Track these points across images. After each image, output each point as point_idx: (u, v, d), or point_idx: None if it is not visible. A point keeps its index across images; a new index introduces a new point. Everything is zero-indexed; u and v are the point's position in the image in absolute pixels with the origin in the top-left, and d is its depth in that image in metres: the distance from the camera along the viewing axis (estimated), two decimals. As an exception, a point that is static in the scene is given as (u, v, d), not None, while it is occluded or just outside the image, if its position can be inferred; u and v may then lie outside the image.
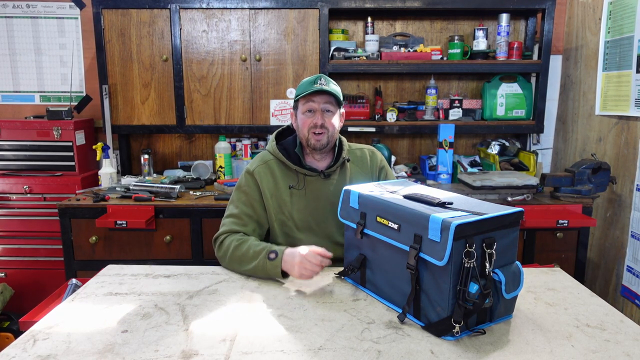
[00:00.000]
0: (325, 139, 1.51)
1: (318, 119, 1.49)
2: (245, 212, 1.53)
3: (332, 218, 1.55)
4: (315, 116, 1.50)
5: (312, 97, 1.50)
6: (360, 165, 1.64)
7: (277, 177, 1.55)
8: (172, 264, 1.51)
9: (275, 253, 1.35)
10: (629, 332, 1.09)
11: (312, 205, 1.55)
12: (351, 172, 1.62)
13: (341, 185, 1.55)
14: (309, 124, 1.51)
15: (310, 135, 1.51)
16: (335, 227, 1.56)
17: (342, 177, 1.59)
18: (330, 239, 1.56)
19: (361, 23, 2.82)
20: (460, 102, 2.72)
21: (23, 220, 2.59)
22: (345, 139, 1.64)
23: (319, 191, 1.55)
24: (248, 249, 1.41)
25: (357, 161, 1.64)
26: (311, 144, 1.52)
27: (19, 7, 2.83)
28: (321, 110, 1.50)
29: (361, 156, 1.65)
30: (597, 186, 2.27)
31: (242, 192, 1.55)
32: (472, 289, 1.01)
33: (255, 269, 1.38)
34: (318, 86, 1.47)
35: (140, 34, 2.55)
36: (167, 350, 1.01)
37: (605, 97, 2.41)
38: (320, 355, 0.99)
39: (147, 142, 2.94)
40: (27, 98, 2.94)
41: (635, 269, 2.21)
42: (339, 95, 1.52)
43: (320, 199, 1.55)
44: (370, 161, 1.66)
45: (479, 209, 1.10)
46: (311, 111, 1.51)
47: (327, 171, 1.56)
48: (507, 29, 2.62)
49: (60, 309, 1.21)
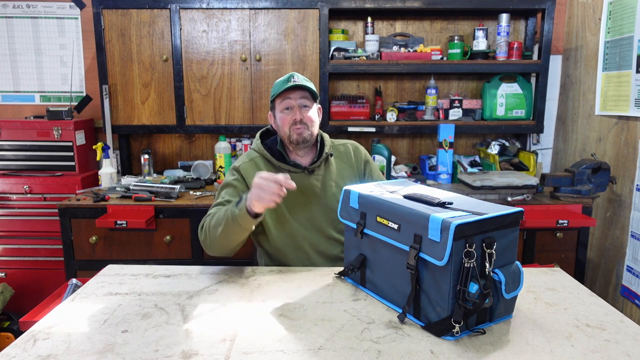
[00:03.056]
0: (306, 132, 1.54)
1: (297, 115, 1.53)
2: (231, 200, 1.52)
3: (321, 212, 1.57)
4: (293, 112, 1.53)
5: (288, 94, 1.53)
6: (344, 159, 1.66)
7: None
8: (172, 264, 1.51)
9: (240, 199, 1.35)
10: (628, 332, 1.09)
11: (300, 200, 1.57)
12: (336, 167, 1.64)
13: (326, 180, 1.59)
14: (289, 121, 1.54)
15: (292, 132, 1.54)
16: (325, 221, 1.58)
17: (327, 172, 1.61)
18: (322, 233, 1.58)
19: (361, 23, 2.82)
20: (460, 102, 2.72)
21: (23, 220, 2.59)
22: (327, 135, 1.67)
23: (305, 187, 1.57)
24: (219, 214, 1.41)
25: (341, 156, 1.67)
26: (294, 140, 1.55)
27: (19, 7, 2.83)
28: (298, 105, 1.53)
29: (345, 151, 1.67)
30: (597, 186, 2.27)
31: (229, 187, 1.56)
32: (472, 289, 1.01)
33: (227, 223, 1.36)
34: (292, 83, 1.51)
35: (140, 34, 2.55)
36: (167, 350, 1.01)
37: (605, 97, 2.41)
38: (320, 355, 0.99)
39: (147, 142, 2.94)
40: (27, 98, 2.94)
41: (635, 269, 2.21)
42: (313, 89, 1.55)
43: (306, 195, 1.57)
44: (355, 156, 1.68)
45: (479, 209, 1.10)
46: (289, 108, 1.54)
47: (311, 167, 1.58)
48: (507, 29, 2.62)
49: (60, 309, 1.21)
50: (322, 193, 1.58)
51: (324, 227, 1.58)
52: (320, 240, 1.57)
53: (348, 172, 1.64)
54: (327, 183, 1.59)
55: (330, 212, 1.57)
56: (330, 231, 1.58)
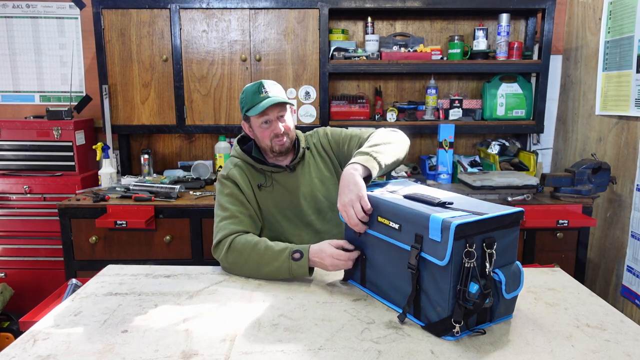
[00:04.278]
0: (288, 141, 1.55)
1: (278, 129, 1.52)
2: (238, 210, 1.51)
3: (308, 207, 1.58)
4: (273, 126, 1.52)
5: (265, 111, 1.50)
6: (318, 148, 1.66)
7: (248, 178, 1.58)
8: (172, 264, 1.51)
9: (299, 252, 1.34)
10: (629, 332, 1.09)
11: (286, 199, 1.58)
12: (314, 159, 1.65)
13: (308, 175, 1.60)
14: (269, 135, 1.53)
15: (274, 144, 1.54)
16: (314, 215, 1.59)
17: (307, 166, 1.62)
18: (311, 228, 1.59)
19: (361, 23, 2.82)
20: (460, 102, 2.72)
21: (23, 220, 2.59)
22: (300, 131, 1.68)
23: (288, 185, 1.58)
24: (265, 251, 1.37)
25: (315, 147, 1.67)
26: (276, 150, 1.55)
27: (19, 7, 2.83)
28: (276, 118, 1.52)
29: (315, 141, 1.68)
30: (597, 186, 2.27)
31: (226, 196, 1.54)
32: (472, 289, 1.01)
33: (279, 270, 1.35)
34: (264, 96, 1.48)
35: (140, 34, 2.55)
36: (167, 350, 1.01)
37: (605, 97, 2.41)
38: (320, 355, 0.99)
39: (147, 142, 2.94)
40: (27, 98, 2.94)
41: (635, 269, 2.21)
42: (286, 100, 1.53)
43: (291, 192, 1.58)
44: (323, 139, 1.67)
45: (479, 209, 1.09)
46: (267, 122, 1.52)
47: (292, 164, 1.59)
48: (507, 29, 2.62)
49: (60, 309, 1.21)
50: (307, 187, 1.60)
51: (312, 222, 1.59)
52: (310, 235, 1.58)
53: (327, 159, 1.66)
54: (309, 175, 1.61)
55: (316, 203, 1.59)
56: (318, 225, 1.59)
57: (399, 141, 1.49)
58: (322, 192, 1.60)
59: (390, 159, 1.39)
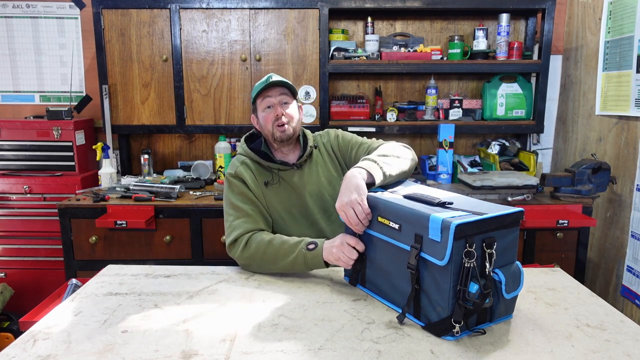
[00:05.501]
0: (290, 129, 1.56)
1: (278, 110, 1.55)
2: (250, 209, 1.53)
3: (314, 206, 1.59)
4: (274, 109, 1.56)
5: (267, 92, 1.56)
6: (328, 148, 1.68)
7: (255, 175, 1.59)
8: (172, 264, 1.51)
9: (314, 244, 1.36)
10: (629, 332, 1.09)
11: (292, 197, 1.58)
12: (323, 158, 1.66)
13: (316, 174, 1.61)
14: (271, 119, 1.56)
15: (275, 129, 1.56)
16: (319, 214, 1.59)
17: (315, 165, 1.63)
18: (316, 227, 1.59)
19: (361, 23, 2.82)
20: (460, 102, 2.72)
21: (23, 220, 2.59)
22: (309, 131, 1.70)
23: (295, 183, 1.59)
24: (281, 245, 1.40)
25: (324, 146, 1.68)
26: (277, 137, 1.57)
27: (19, 7, 2.83)
28: (279, 102, 1.56)
29: (325, 141, 1.69)
30: (597, 186, 2.27)
31: (236, 194, 1.55)
32: (472, 289, 1.01)
33: (294, 262, 1.37)
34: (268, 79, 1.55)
35: (140, 34, 2.55)
36: (167, 350, 1.01)
37: (605, 97, 2.41)
38: (320, 355, 0.99)
39: (147, 142, 2.94)
40: (27, 98, 2.94)
41: (635, 269, 2.21)
42: (292, 87, 1.59)
43: (297, 190, 1.59)
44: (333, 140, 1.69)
45: (479, 209, 1.10)
46: (270, 107, 1.56)
47: (299, 162, 1.60)
48: (507, 29, 2.62)
49: (60, 309, 1.21)
50: (314, 186, 1.60)
51: (317, 221, 1.59)
52: (314, 234, 1.58)
53: (334, 158, 1.67)
54: (317, 174, 1.62)
55: (322, 202, 1.60)
56: (323, 225, 1.60)
57: (408, 157, 1.50)
58: (329, 192, 1.60)
59: (396, 171, 1.39)
